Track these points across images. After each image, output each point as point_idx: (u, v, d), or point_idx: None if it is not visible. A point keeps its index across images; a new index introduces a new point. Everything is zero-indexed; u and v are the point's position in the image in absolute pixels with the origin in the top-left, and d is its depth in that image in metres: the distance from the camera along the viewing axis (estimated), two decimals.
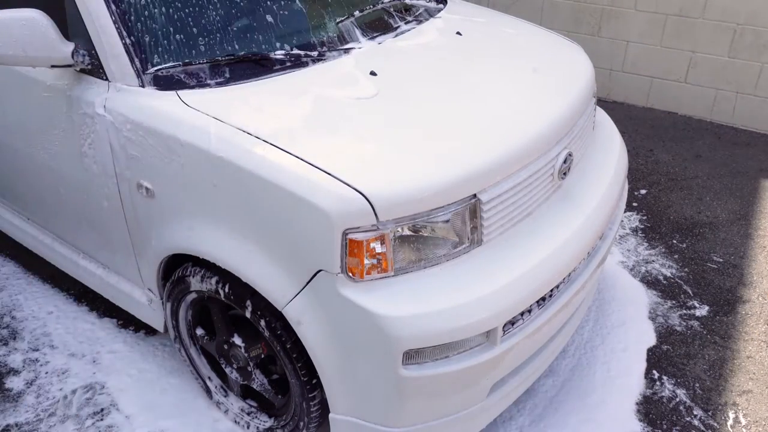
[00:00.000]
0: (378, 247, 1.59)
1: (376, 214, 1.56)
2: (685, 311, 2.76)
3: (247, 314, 1.86)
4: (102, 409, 2.30)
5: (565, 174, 1.97)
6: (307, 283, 1.65)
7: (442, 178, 1.63)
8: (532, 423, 2.24)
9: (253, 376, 2.07)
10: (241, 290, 1.83)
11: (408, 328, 1.58)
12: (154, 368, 2.45)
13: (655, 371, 2.46)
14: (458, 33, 2.36)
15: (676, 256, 3.08)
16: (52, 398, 2.34)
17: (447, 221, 1.66)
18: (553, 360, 2.25)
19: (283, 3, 2.30)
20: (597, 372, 2.43)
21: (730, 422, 2.27)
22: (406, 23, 2.38)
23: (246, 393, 2.19)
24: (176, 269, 2.03)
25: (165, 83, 1.88)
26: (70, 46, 1.89)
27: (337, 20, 2.26)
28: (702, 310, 2.76)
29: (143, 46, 1.89)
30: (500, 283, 1.68)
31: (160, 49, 1.93)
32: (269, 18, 2.19)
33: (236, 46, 2.00)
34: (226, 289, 1.87)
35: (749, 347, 2.57)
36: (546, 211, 1.94)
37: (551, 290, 1.84)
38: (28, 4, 1.89)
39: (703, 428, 2.24)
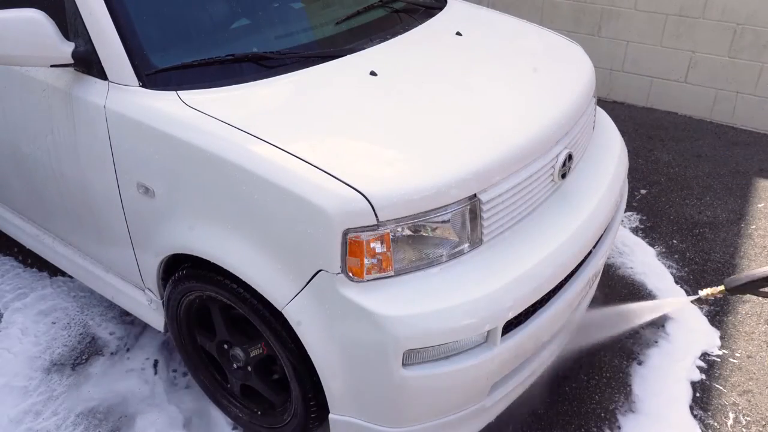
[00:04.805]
0: (378, 247, 1.59)
1: (376, 214, 1.56)
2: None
3: (247, 314, 1.86)
4: None
5: (564, 175, 1.97)
6: (307, 283, 1.65)
7: (442, 178, 1.63)
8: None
9: (253, 376, 2.07)
10: (241, 290, 1.83)
11: (408, 328, 1.58)
12: None
13: None
14: (458, 33, 2.36)
15: (676, 256, 3.08)
16: None
17: (447, 221, 1.66)
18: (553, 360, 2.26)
19: (282, 3, 2.30)
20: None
21: (730, 422, 2.27)
22: (406, 23, 2.38)
23: (246, 392, 2.19)
24: (176, 269, 2.03)
25: (165, 83, 1.87)
26: (70, 46, 1.89)
27: (337, 21, 2.26)
28: (702, 310, 2.76)
29: (143, 46, 1.89)
30: (500, 283, 1.68)
31: (159, 49, 1.93)
32: (269, 18, 2.19)
33: (236, 47, 2.00)
34: (226, 289, 1.87)
35: (749, 347, 2.57)
36: (546, 211, 1.94)
37: (551, 290, 1.84)
38: (28, 4, 1.89)
39: (703, 428, 2.24)
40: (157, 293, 2.17)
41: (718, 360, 2.51)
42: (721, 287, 2.37)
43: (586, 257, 2.00)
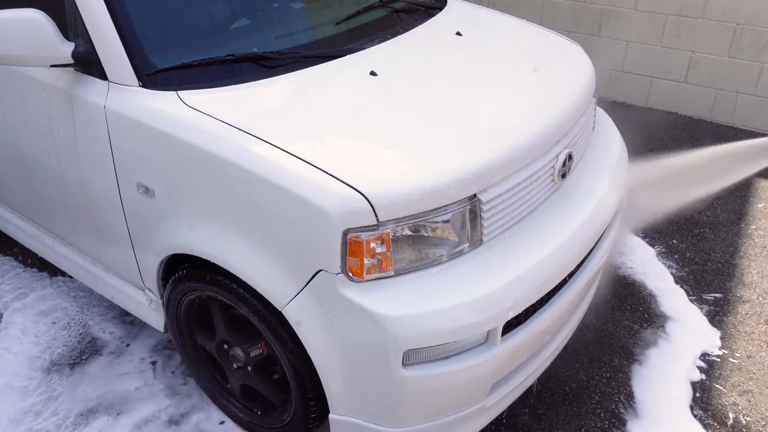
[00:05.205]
0: (378, 247, 1.59)
1: (376, 214, 1.56)
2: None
3: (247, 314, 1.86)
4: None
5: (564, 175, 1.97)
6: (307, 283, 1.65)
7: (442, 178, 1.63)
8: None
9: (253, 376, 2.07)
10: (241, 290, 1.83)
11: (408, 328, 1.58)
12: None
13: None
14: (458, 33, 2.36)
15: (676, 256, 3.08)
16: None
17: (447, 221, 1.66)
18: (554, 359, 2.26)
19: (282, 3, 2.30)
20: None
21: (730, 422, 2.27)
22: (406, 23, 2.38)
23: (246, 392, 2.19)
24: (176, 269, 2.03)
25: (165, 83, 1.87)
26: (70, 46, 1.89)
27: (337, 21, 2.26)
28: (702, 310, 2.76)
29: (143, 46, 1.89)
30: (500, 284, 1.68)
31: (159, 49, 1.93)
32: (269, 18, 2.19)
33: (236, 47, 2.00)
34: (226, 289, 1.87)
35: (749, 347, 2.57)
36: (546, 211, 1.94)
37: (551, 290, 1.84)
38: (28, 4, 1.89)
39: (703, 428, 2.24)
40: (157, 293, 2.17)
41: (718, 360, 2.51)
42: None
43: (586, 257, 2.00)
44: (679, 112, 4.52)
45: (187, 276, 1.98)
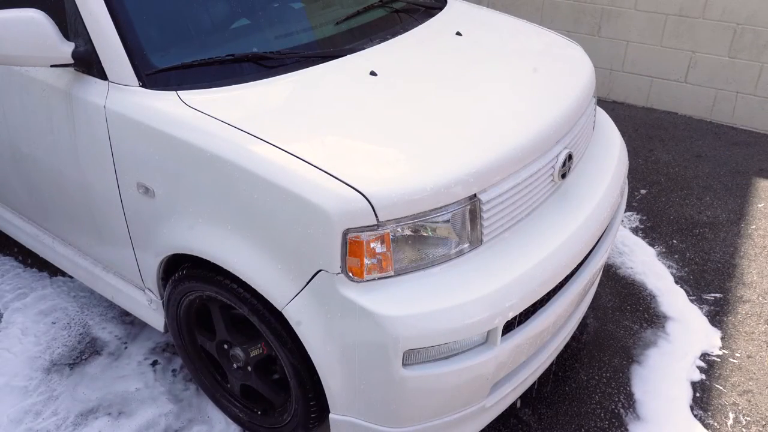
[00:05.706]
0: (378, 247, 1.59)
1: (376, 214, 1.56)
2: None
3: (247, 314, 1.86)
4: None
5: (564, 175, 1.97)
6: (307, 283, 1.65)
7: (442, 178, 1.63)
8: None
9: (253, 376, 2.07)
10: (241, 290, 1.83)
11: (408, 328, 1.58)
12: None
13: None
14: (458, 33, 2.36)
15: (676, 256, 3.08)
16: None
17: (447, 221, 1.66)
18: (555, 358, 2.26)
19: (282, 3, 2.30)
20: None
21: (730, 422, 2.27)
22: (406, 23, 2.38)
23: (246, 392, 2.19)
24: (176, 269, 2.03)
25: (165, 83, 1.88)
26: (70, 46, 1.89)
27: (337, 21, 2.26)
28: (702, 310, 2.76)
29: (143, 46, 1.89)
30: (500, 284, 1.68)
31: (159, 48, 1.93)
32: (269, 18, 2.19)
33: (236, 47, 2.00)
34: (226, 289, 1.87)
35: (749, 347, 2.57)
36: (546, 211, 1.94)
37: (551, 290, 1.84)
38: (28, 4, 1.89)
39: (703, 428, 2.24)
40: (157, 293, 2.17)
41: (718, 360, 2.51)
42: None
43: (586, 257, 2.00)
44: (679, 112, 4.52)
45: (187, 276, 1.98)
